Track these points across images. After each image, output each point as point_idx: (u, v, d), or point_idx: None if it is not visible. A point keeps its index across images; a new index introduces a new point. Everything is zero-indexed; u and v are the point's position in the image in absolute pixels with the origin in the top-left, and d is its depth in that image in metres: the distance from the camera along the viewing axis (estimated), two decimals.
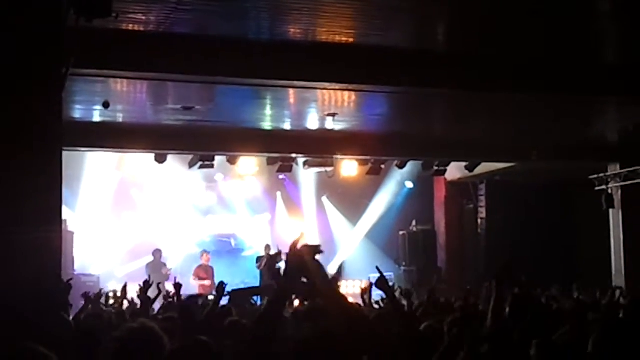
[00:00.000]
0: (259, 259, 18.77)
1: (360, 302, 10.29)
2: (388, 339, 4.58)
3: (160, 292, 10.48)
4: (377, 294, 10.30)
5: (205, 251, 18.94)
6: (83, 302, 9.08)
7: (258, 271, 18.49)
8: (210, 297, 10.92)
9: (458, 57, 11.09)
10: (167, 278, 17.31)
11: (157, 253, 18.02)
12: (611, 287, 13.74)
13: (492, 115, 14.76)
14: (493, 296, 5.52)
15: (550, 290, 12.48)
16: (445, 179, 20.96)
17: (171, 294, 9.93)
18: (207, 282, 17.81)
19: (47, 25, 6.65)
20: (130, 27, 9.65)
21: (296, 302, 7.78)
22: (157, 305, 10.10)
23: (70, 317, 8.32)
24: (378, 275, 5.12)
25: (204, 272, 18.28)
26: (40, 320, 6.12)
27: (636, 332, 3.94)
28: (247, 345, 3.78)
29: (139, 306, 9.07)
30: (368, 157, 17.78)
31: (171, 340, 4.13)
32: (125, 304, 10.52)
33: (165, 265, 17.95)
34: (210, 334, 4.74)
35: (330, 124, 14.94)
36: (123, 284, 10.79)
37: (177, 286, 9.20)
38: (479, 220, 21.27)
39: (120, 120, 14.49)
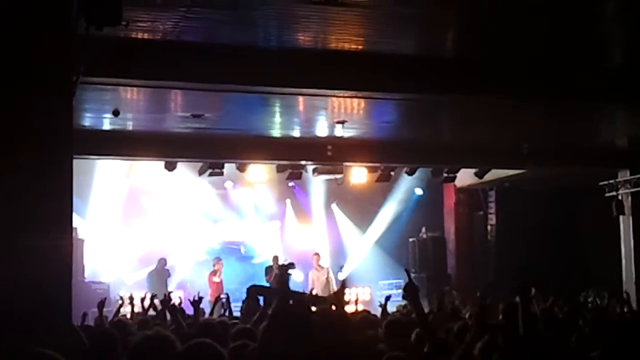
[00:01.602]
0: (267, 270, 18.72)
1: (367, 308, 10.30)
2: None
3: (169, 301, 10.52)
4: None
5: (217, 258, 18.98)
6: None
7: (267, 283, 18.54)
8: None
9: (466, 63, 11.09)
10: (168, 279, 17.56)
11: (161, 261, 18.09)
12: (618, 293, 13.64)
13: (501, 121, 14.74)
14: (520, 307, 5.61)
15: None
16: (455, 186, 20.94)
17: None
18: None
19: (58, 33, 6.67)
20: (140, 35, 9.69)
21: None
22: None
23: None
24: (394, 281, 5.25)
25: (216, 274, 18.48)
26: (49, 328, 6.13)
27: None
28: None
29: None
30: (377, 164, 17.78)
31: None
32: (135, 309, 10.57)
33: (168, 271, 18.04)
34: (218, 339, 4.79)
35: (340, 131, 14.95)
36: (143, 296, 10.78)
37: (196, 303, 9.33)
38: (489, 227, 21.24)
39: (130, 128, 14.54)
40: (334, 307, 4.96)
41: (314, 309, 4.90)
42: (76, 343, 6.10)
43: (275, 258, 18.93)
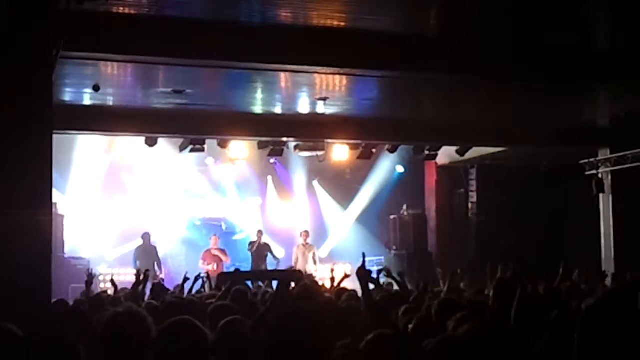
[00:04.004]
0: (251, 243, 18.82)
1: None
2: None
3: (147, 278, 10.59)
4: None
5: (214, 234, 18.96)
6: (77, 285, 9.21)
7: (249, 255, 18.55)
8: None
9: (449, 41, 11.08)
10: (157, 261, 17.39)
11: (146, 236, 17.97)
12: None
13: (483, 100, 14.76)
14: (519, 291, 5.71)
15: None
16: (436, 164, 20.97)
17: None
18: (214, 267, 17.76)
19: (38, 7, 6.61)
20: (121, 9, 9.60)
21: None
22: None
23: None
24: (374, 258, 5.39)
25: (210, 257, 18.25)
26: (29, 303, 6.12)
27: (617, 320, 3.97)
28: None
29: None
30: (359, 142, 17.77)
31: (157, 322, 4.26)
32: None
33: (155, 248, 17.92)
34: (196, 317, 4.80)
35: (322, 108, 14.93)
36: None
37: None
38: (470, 205, 21.30)
39: (111, 103, 14.45)
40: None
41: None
42: (51, 316, 6.11)
43: (260, 232, 18.95)
